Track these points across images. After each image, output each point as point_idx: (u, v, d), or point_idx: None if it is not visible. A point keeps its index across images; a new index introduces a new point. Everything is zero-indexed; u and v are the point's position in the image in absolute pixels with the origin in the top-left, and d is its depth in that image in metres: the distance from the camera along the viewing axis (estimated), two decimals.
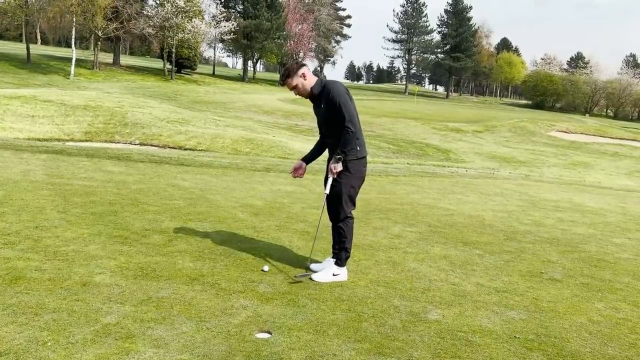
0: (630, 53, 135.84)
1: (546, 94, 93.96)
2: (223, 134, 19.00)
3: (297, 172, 4.58)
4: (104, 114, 19.89)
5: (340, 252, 4.43)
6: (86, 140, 17.44)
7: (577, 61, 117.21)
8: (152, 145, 17.23)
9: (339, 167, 4.31)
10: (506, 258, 5.46)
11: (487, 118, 46.71)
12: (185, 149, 17.05)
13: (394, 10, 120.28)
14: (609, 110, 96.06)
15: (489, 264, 5.20)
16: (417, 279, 4.62)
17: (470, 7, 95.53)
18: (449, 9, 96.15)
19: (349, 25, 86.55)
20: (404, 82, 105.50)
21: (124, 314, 3.42)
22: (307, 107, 35.92)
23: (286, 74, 4.33)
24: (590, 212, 8.46)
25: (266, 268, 4.51)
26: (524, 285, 4.69)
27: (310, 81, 4.33)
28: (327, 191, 4.49)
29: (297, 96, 4.53)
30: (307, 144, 21.12)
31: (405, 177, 10.63)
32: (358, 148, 4.30)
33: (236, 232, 5.54)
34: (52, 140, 16.86)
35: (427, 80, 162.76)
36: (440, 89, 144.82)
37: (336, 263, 4.44)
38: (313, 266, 4.65)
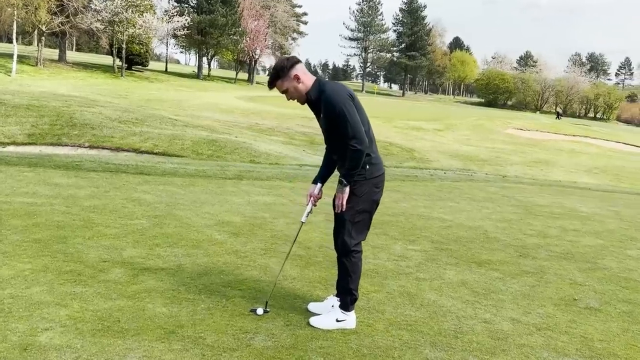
0: (576, 52, 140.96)
1: (498, 92, 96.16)
2: (182, 135, 17.79)
3: (313, 198, 3.62)
4: (49, 114, 18.29)
5: (345, 295, 3.55)
6: (30, 144, 15.92)
7: (527, 60, 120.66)
8: (103, 148, 15.87)
9: (346, 195, 3.43)
10: (530, 282, 4.76)
11: (446, 116, 46.89)
12: (141, 152, 15.80)
13: (350, 8, 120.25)
14: (557, 108, 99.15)
15: (514, 291, 4.48)
16: (442, 316, 3.83)
17: (425, 6, 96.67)
18: (404, 7, 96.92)
19: (305, 23, 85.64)
20: (360, 81, 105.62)
21: None
22: (268, 104, 34.99)
23: (275, 74, 3.41)
24: (587, 219, 7.95)
25: (260, 311, 3.61)
26: (563, 318, 3.99)
27: (306, 84, 3.39)
28: (304, 219, 3.63)
29: (286, 99, 3.55)
30: (273, 145, 20.16)
31: (386, 182, 9.87)
32: (367, 167, 3.42)
33: (215, 260, 4.60)
34: None
35: (382, 78, 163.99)
36: (395, 87, 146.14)
37: (341, 307, 3.57)
38: (312, 306, 3.79)
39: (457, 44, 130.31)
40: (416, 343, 3.38)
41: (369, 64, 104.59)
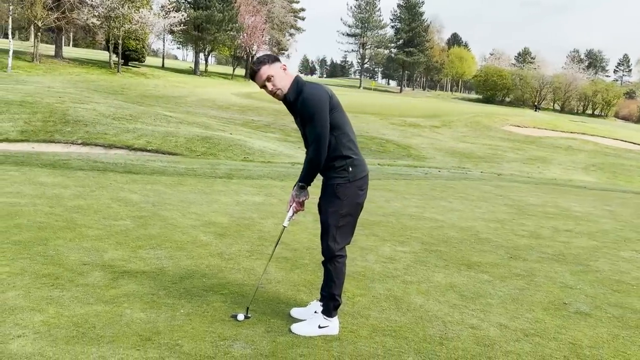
0: (574, 48, 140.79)
1: (496, 89, 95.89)
2: (176, 132, 17.66)
3: (296, 203, 3.47)
4: (42, 110, 18.14)
5: (328, 301, 3.46)
6: (23, 140, 15.78)
7: (525, 56, 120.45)
8: (96, 145, 15.73)
9: (302, 196, 3.41)
10: (519, 285, 4.68)
11: (443, 113, 46.73)
12: (134, 149, 15.68)
13: (347, 4, 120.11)
14: (555, 104, 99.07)
15: (503, 295, 4.40)
16: (428, 321, 3.75)
17: (423, 2, 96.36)
18: (401, 3, 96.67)
19: (302, 19, 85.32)
20: (358, 77, 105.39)
21: None
22: (263, 101, 34.80)
23: (260, 60, 3.27)
24: (581, 219, 7.87)
25: (240, 317, 3.53)
26: (552, 323, 3.90)
27: (289, 79, 3.29)
28: (286, 223, 3.54)
29: (267, 94, 3.39)
30: (268, 142, 20.06)
31: (379, 181, 9.79)
32: (350, 169, 3.33)
33: (199, 263, 4.51)
34: None
35: (379, 74, 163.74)
36: (393, 83, 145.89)
37: (323, 312, 3.48)
38: (294, 311, 3.70)
39: (455, 40, 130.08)
40: (400, 350, 3.29)
41: (366, 60, 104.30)
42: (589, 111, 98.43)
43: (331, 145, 3.27)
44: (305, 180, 3.38)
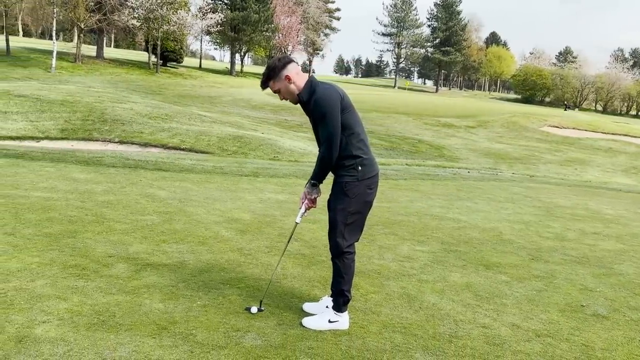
0: (618, 47, 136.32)
1: (535, 89, 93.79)
2: (209, 131, 18.02)
3: (308, 200, 3.57)
4: (82, 109, 18.80)
5: (337, 296, 3.54)
6: (62, 139, 16.39)
7: (566, 55, 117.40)
8: (132, 144, 16.22)
9: (314, 194, 3.51)
10: (537, 286, 4.64)
11: (479, 113, 45.98)
12: (168, 148, 16.08)
13: (383, 4, 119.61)
14: (598, 105, 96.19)
15: (519, 296, 4.38)
16: (439, 319, 3.78)
17: (460, 1, 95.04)
18: (438, 2, 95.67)
19: (338, 19, 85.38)
20: (393, 76, 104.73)
21: None
22: None
23: (267, 75, 3.41)
24: (611, 222, 7.69)
25: (254, 309, 3.64)
26: (566, 324, 3.87)
27: (298, 84, 3.38)
28: (298, 219, 3.64)
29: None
30: (298, 142, 20.23)
31: (405, 181, 9.78)
32: (359, 168, 3.40)
33: (219, 257, 4.66)
34: (25, 139, 15.83)
35: (415, 74, 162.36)
36: (429, 83, 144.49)
37: (333, 308, 3.56)
38: (306, 306, 3.79)
39: (493, 39, 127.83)
40: (408, 346, 3.34)
41: (402, 59, 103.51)
42: (633, 112, 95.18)
43: (342, 144, 3.36)
44: (316, 178, 3.48)
